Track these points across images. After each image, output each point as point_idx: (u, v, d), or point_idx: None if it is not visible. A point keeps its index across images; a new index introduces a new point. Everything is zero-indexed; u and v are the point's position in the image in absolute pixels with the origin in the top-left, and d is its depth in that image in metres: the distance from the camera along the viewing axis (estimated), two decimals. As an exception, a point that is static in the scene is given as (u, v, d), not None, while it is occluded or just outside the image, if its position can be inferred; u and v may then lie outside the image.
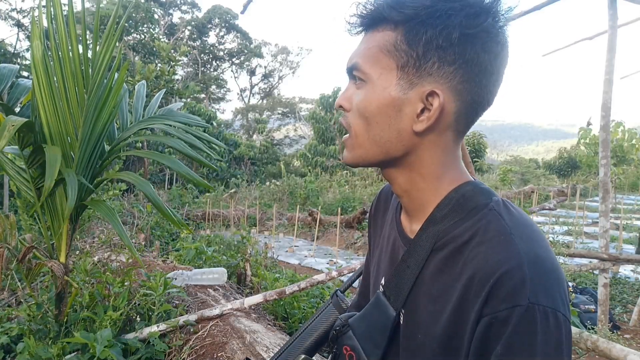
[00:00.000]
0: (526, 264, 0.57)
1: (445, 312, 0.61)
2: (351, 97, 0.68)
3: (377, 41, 0.65)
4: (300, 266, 8.23)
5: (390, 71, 0.64)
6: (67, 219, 2.26)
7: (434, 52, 0.61)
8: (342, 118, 0.70)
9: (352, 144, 0.69)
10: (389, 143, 0.66)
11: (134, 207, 9.08)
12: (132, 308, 2.63)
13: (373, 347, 0.67)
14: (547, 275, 0.57)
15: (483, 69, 0.62)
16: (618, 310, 5.19)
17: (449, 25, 0.60)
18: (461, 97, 0.63)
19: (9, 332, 2.34)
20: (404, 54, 0.62)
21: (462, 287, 0.60)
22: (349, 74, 0.69)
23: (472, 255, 0.60)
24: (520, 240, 0.59)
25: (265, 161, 26.45)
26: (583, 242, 8.72)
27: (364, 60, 0.66)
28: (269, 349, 2.38)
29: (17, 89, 2.29)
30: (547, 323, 0.55)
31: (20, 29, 17.85)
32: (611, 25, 3.79)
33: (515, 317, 0.55)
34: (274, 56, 44.14)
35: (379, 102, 0.64)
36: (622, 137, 16.02)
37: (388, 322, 0.67)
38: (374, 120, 0.65)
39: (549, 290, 0.56)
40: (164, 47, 15.57)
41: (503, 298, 0.56)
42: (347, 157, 0.71)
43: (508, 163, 27.53)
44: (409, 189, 0.70)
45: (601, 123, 3.86)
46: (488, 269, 0.58)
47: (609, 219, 3.90)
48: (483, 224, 0.62)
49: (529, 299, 0.55)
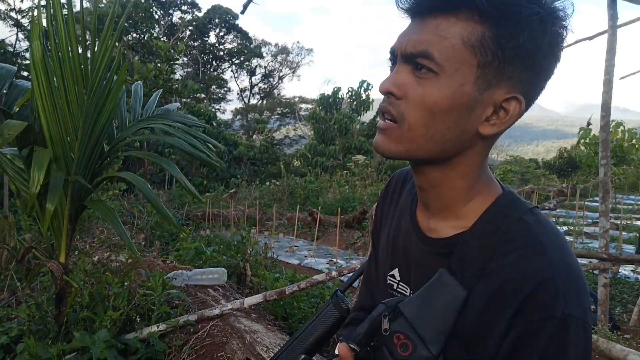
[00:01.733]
0: (559, 275, 0.56)
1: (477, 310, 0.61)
2: (405, 85, 0.61)
3: (459, 32, 0.58)
4: (300, 266, 8.23)
5: (469, 67, 0.58)
6: (67, 218, 2.26)
7: (521, 57, 0.58)
8: (389, 105, 0.63)
9: (402, 137, 0.62)
10: (449, 142, 0.62)
11: (133, 207, 9.08)
12: (132, 308, 2.63)
13: (436, 334, 0.60)
14: (577, 285, 0.57)
15: (549, 77, 0.62)
16: (618, 310, 5.18)
17: (543, 33, 0.57)
18: (527, 103, 0.62)
19: (9, 332, 2.34)
20: (489, 53, 0.57)
21: (491, 293, 0.59)
22: (407, 59, 0.61)
23: (504, 262, 0.59)
24: (552, 249, 0.58)
25: (265, 161, 26.44)
26: (583, 242, 8.72)
27: (440, 51, 0.58)
28: (269, 349, 2.38)
29: (15, 89, 2.29)
30: (578, 335, 0.55)
31: (19, 29, 17.85)
32: (611, 26, 3.79)
33: (549, 328, 0.55)
34: (274, 56, 44.14)
35: (453, 99, 0.59)
36: (622, 137, 16.03)
37: (457, 302, 0.60)
38: (441, 117, 0.60)
39: (579, 302, 0.57)
40: (162, 46, 15.57)
41: (537, 309, 0.55)
42: (389, 149, 0.64)
43: (508, 163, 27.49)
44: (439, 186, 0.67)
45: (601, 123, 3.86)
46: (521, 279, 0.57)
47: (608, 219, 3.90)
48: (513, 231, 0.61)
49: (562, 311, 0.55)
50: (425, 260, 0.70)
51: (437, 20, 0.59)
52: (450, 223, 0.68)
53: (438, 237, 0.69)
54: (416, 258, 0.72)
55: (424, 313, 0.62)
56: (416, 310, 0.62)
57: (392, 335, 0.61)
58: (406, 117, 0.61)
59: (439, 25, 0.59)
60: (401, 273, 0.76)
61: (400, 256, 0.76)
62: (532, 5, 0.56)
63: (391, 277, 0.78)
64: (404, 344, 0.60)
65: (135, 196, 12.32)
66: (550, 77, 0.62)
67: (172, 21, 36.12)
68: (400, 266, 0.76)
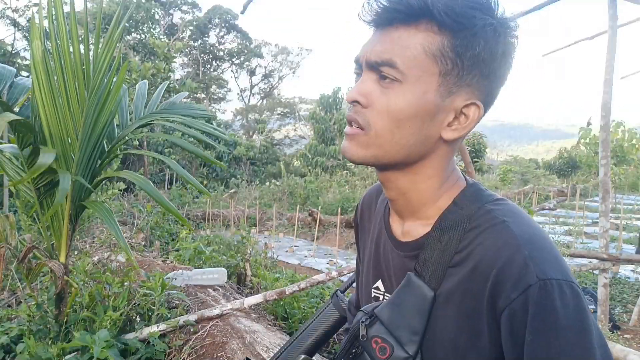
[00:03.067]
0: (523, 245, 0.57)
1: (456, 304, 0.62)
2: (371, 94, 0.63)
3: (420, 42, 0.61)
4: (300, 266, 8.23)
5: (431, 76, 0.61)
6: (67, 218, 2.26)
7: (478, 66, 0.61)
8: (355, 113, 0.65)
9: (368, 142, 0.64)
10: (413, 147, 0.64)
11: (133, 207, 9.08)
12: (132, 308, 2.63)
13: (410, 335, 0.63)
14: (547, 250, 0.58)
15: (503, 84, 0.65)
16: (618, 310, 5.18)
17: (497, 42, 0.61)
18: (485, 108, 0.65)
19: (9, 332, 2.34)
20: (449, 62, 0.61)
21: (466, 280, 0.61)
22: (372, 68, 0.64)
23: (471, 249, 0.61)
24: (515, 225, 0.60)
25: (265, 161, 26.43)
26: (583, 242, 8.72)
27: (403, 60, 0.61)
28: (269, 349, 2.38)
29: (16, 88, 2.29)
30: (564, 294, 0.55)
31: (16, 28, 17.82)
32: (611, 25, 3.79)
33: (531, 298, 0.54)
34: (274, 56, 44.12)
35: (417, 107, 0.62)
36: (622, 137, 16.03)
37: (426, 303, 0.63)
38: (406, 123, 0.62)
39: (553, 265, 0.57)
40: (159, 44, 15.58)
41: (512, 285, 0.56)
42: (356, 154, 0.66)
43: (508, 163, 27.49)
44: (407, 192, 0.69)
45: (601, 123, 3.87)
46: (488, 260, 0.58)
47: (609, 219, 3.90)
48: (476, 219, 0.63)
49: (537, 276, 0.55)
50: (402, 265, 0.71)
51: (399, 31, 0.62)
52: (421, 223, 0.70)
53: (411, 240, 0.70)
54: (395, 265, 0.73)
55: (397, 316, 0.65)
56: (390, 314, 0.65)
57: (371, 340, 0.65)
58: (372, 124, 0.64)
59: (401, 36, 0.61)
60: (385, 284, 0.77)
61: (383, 268, 0.77)
62: (486, 16, 0.60)
63: (376, 289, 0.79)
64: (382, 348, 0.64)
65: (135, 196, 12.33)
66: (504, 84, 0.66)
67: (173, 21, 36.12)
68: (383, 277, 0.77)
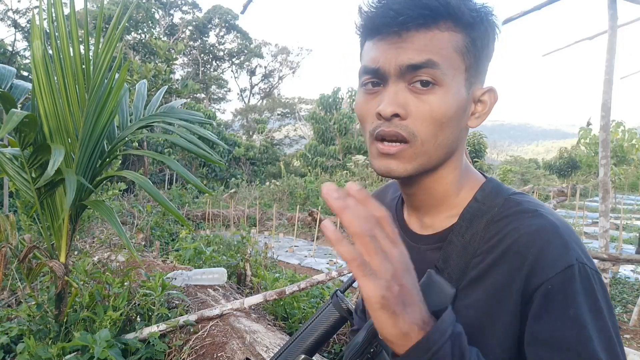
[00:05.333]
0: (562, 230, 0.59)
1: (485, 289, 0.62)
2: (408, 104, 0.61)
3: (448, 41, 0.61)
4: (300, 266, 8.23)
5: (461, 73, 0.63)
6: (67, 218, 2.26)
7: (487, 54, 0.66)
8: (396, 127, 0.62)
9: (416, 154, 0.63)
10: (453, 144, 0.66)
11: (133, 207, 9.08)
12: (132, 308, 2.63)
13: None
14: (579, 243, 0.61)
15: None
16: (618, 310, 5.18)
17: (493, 28, 0.65)
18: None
19: (9, 332, 2.34)
20: (472, 56, 0.63)
21: (497, 264, 0.61)
22: (408, 73, 0.61)
23: (501, 235, 0.62)
24: (548, 213, 0.62)
25: (265, 161, 26.43)
26: (583, 242, 8.72)
27: (442, 60, 0.60)
28: (269, 349, 2.38)
29: (16, 90, 2.29)
30: (599, 283, 0.58)
31: (17, 29, 17.84)
32: (611, 26, 3.79)
33: (574, 276, 0.56)
34: (274, 56, 44.14)
35: (457, 106, 0.62)
36: (622, 137, 16.03)
37: (446, 300, 0.62)
38: (448, 124, 0.62)
39: (587, 255, 0.59)
40: (161, 45, 15.59)
41: (551, 264, 0.57)
42: (405, 170, 0.64)
43: (508, 163, 27.51)
44: (431, 187, 0.69)
45: (601, 123, 3.87)
46: (525, 242, 0.59)
47: (608, 219, 3.90)
48: (504, 209, 0.65)
49: (577, 259, 0.57)
50: (423, 259, 0.70)
51: (423, 34, 0.60)
52: (444, 215, 0.70)
53: (434, 232, 0.71)
54: (414, 261, 0.72)
55: None
56: None
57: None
58: (417, 134, 0.62)
59: (433, 37, 0.60)
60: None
61: None
62: (486, 8, 0.64)
63: None
64: None
65: (135, 196, 12.33)
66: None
67: (173, 21, 36.13)
68: None
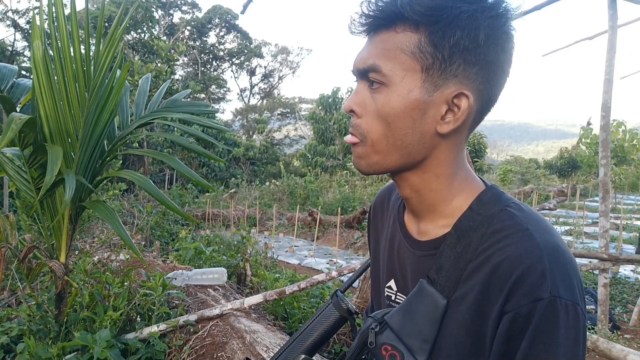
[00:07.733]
0: (546, 257, 0.57)
1: (469, 306, 0.61)
2: (364, 102, 0.65)
3: (398, 42, 0.62)
4: (300, 266, 8.23)
5: (414, 73, 0.62)
6: (67, 218, 2.26)
7: (460, 54, 0.61)
8: (352, 126, 0.67)
9: (367, 152, 0.66)
10: (410, 147, 0.64)
11: (133, 207, 9.08)
12: (132, 308, 2.63)
13: (421, 343, 0.62)
14: (566, 267, 0.58)
15: (500, 68, 0.64)
16: (618, 310, 5.19)
17: (476, 27, 0.60)
18: (481, 97, 0.64)
19: (9, 332, 2.34)
20: (429, 56, 0.61)
21: (482, 282, 0.60)
22: (362, 76, 0.66)
23: (491, 252, 0.60)
24: (538, 233, 0.59)
25: (265, 161, 26.43)
26: (583, 242, 8.73)
27: (384, 62, 0.63)
28: (269, 349, 2.38)
29: (18, 89, 2.29)
30: (568, 316, 0.55)
31: (16, 30, 17.85)
32: (611, 26, 3.79)
33: (538, 311, 0.55)
34: (274, 56, 44.12)
35: (404, 106, 0.62)
36: (623, 137, 16.03)
37: (438, 311, 0.62)
38: (396, 124, 0.63)
39: (568, 283, 0.57)
40: (162, 46, 15.58)
41: (525, 293, 0.56)
42: (361, 166, 0.68)
43: (508, 163, 27.52)
44: (420, 190, 0.69)
45: (601, 123, 3.87)
46: (509, 265, 0.58)
47: (609, 219, 3.90)
48: (498, 222, 0.62)
49: (550, 292, 0.55)
50: (418, 265, 0.70)
51: (380, 36, 0.64)
52: (439, 223, 0.69)
53: (428, 239, 0.70)
54: (411, 265, 0.73)
55: (408, 323, 0.64)
56: (401, 321, 0.64)
57: (380, 347, 0.64)
58: (367, 134, 0.65)
59: (382, 40, 0.64)
60: (397, 284, 0.76)
61: (396, 266, 0.76)
62: (460, 4, 0.60)
63: (388, 288, 0.78)
64: (392, 355, 0.63)
65: (135, 196, 12.33)
66: (504, 69, 0.65)
67: (172, 21, 36.12)
68: (397, 277, 0.76)
